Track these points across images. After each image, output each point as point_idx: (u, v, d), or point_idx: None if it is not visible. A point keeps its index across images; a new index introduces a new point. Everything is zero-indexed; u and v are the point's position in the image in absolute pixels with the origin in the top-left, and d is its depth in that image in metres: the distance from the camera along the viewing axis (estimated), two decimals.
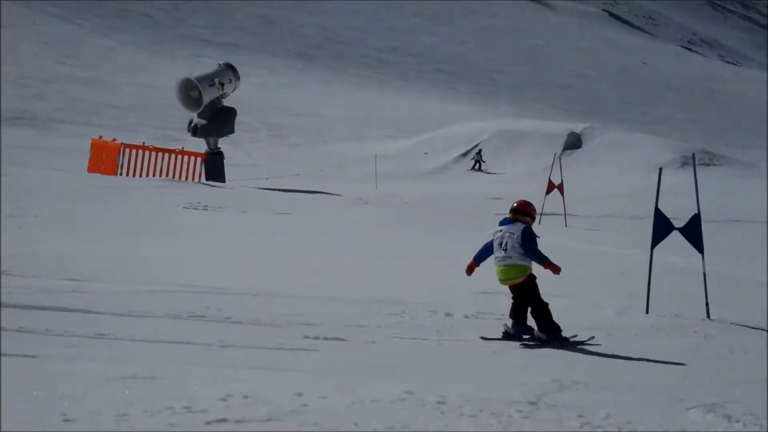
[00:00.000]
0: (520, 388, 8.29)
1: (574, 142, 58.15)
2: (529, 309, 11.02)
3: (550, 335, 10.79)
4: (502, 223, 11.43)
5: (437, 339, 10.86)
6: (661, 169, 14.31)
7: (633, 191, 40.72)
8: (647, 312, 13.14)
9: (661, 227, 13.36)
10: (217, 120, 36.81)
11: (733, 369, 9.76)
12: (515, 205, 11.51)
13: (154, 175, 34.84)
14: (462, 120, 66.02)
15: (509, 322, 11.01)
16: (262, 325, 10.98)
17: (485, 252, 11.51)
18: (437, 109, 74.91)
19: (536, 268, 11.26)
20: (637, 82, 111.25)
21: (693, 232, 13.34)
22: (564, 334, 10.88)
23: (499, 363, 9.65)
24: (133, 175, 34.50)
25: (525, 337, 10.91)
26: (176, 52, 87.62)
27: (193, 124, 36.97)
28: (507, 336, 10.95)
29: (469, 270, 11.64)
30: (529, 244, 11.08)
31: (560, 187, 28.35)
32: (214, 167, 36.44)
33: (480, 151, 55.25)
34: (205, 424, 6.69)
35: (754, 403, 8.08)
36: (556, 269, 11.16)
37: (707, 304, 13.04)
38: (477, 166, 54.72)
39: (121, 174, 34.46)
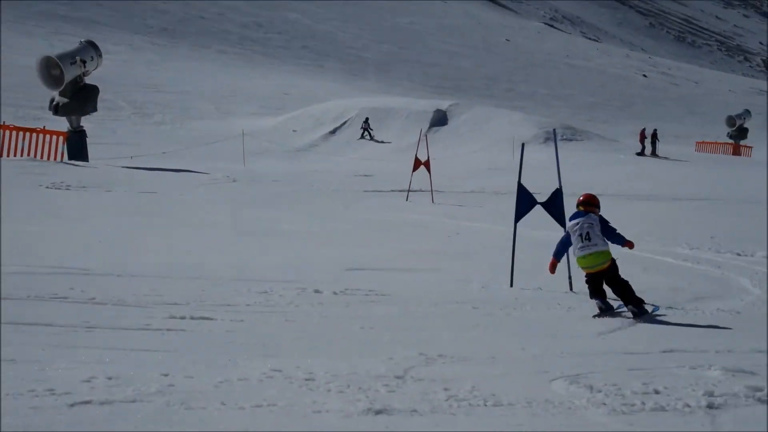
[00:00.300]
0: (387, 362, 8.36)
1: (440, 119, 58.58)
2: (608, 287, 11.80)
3: (639, 308, 11.47)
4: (574, 217, 12.08)
5: (306, 316, 10.85)
6: (523, 145, 14.55)
7: (498, 167, 41.32)
8: (511, 285, 13.38)
9: (524, 202, 13.59)
10: (79, 98, 36.06)
11: (593, 340, 9.99)
12: (582, 198, 12.14)
13: (15, 155, 33.94)
14: (329, 97, 65.91)
15: (598, 302, 11.69)
16: (127, 306, 10.80)
17: (564, 247, 12.28)
18: (304, 86, 74.59)
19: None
20: (501, 58, 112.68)
21: (555, 206, 13.60)
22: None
23: (367, 338, 9.69)
24: None
25: (616, 306, 11.76)
26: (35, 29, 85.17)
27: (54, 103, 36.11)
28: (605, 312, 11.59)
29: (552, 267, 12.34)
30: (610, 229, 12.01)
31: (427, 164, 28.56)
32: (77, 146, 35.69)
33: (367, 119, 55.27)
34: (69, 407, 6.58)
35: (615, 373, 8.29)
36: (632, 245, 12.22)
37: (570, 278, 13.34)
38: (367, 135, 54.81)
39: None
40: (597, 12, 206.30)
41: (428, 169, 28.46)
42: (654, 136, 56.53)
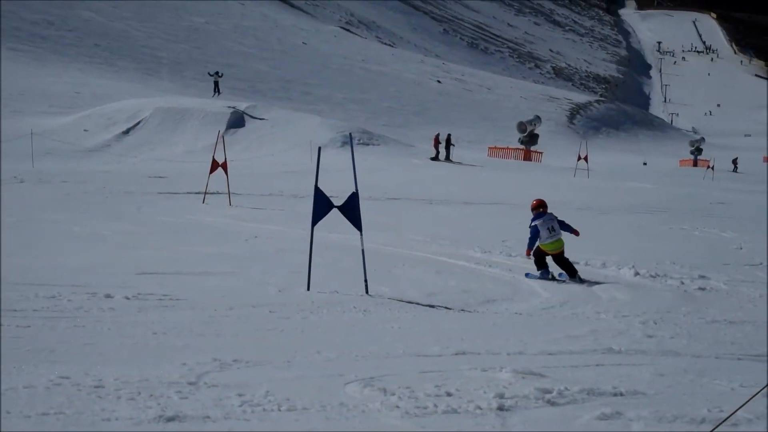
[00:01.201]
0: (180, 368, 8.21)
1: (237, 121, 58.28)
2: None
3: (574, 277, 15.57)
4: (539, 216, 16.10)
5: (96, 321, 10.53)
6: (320, 149, 14.57)
7: (295, 170, 41.36)
8: (308, 289, 13.35)
9: (321, 205, 13.58)
10: None
11: (388, 343, 10.07)
12: (538, 203, 16.36)
13: None
14: (123, 96, 64.58)
15: (542, 271, 15.86)
16: None
17: (533, 240, 15.98)
18: (96, 85, 72.78)
19: None
20: (299, 62, 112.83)
21: (351, 209, 13.64)
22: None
23: (159, 344, 9.48)
24: None
25: (557, 274, 15.88)
26: None
27: None
28: (544, 276, 15.75)
29: (529, 253, 16.14)
30: (564, 222, 16.23)
31: (224, 166, 28.28)
32: None
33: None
34: None
35: (409, 375, 8.37)
36: (578, 233, 16.37)
37: (366, 281, 13.42)
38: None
39: None
40: (392, 17, 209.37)
41: (225, 172, 28.18)
42: (448, 141, 57.70)
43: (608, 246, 20.02)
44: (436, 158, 56.45)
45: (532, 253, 16.00)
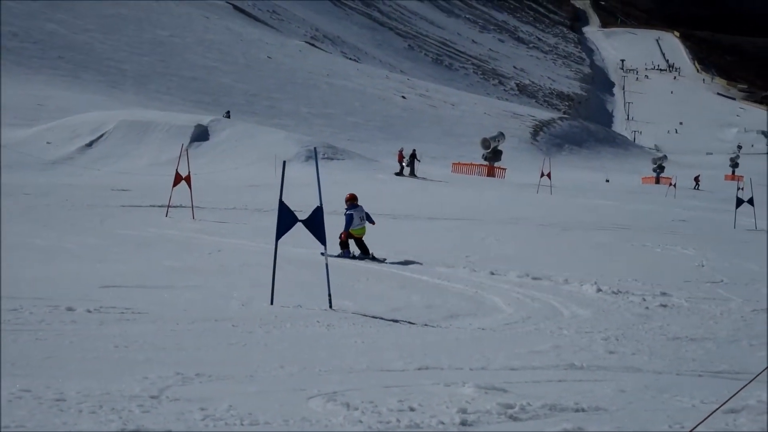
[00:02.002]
0: (142, 382, 8.16)
1: (201, 134, 58.11)
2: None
3: (373, 255, 19.46)
4: (353, 207, 19.81)
5: (58, 335, 10.44)
6: (285, 163, 14.55)
7: (260, 183, 41.29)
8: (272, 303, 13.32)
9: (286, 219, 13.55)
10: None
11: (352, 358, 10.06)
12: (351, 196, 20.12)
13: None
14: (87, 109, 64.21)
15: (344, 251, 19.67)
16: None
17: (348, 225, 19.62)
18: (60, 97, 72.28)
19: None
20: (263, 76, 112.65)
21: (315, 224, 13.64)
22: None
23: (121, 358, 9.41)
24: None
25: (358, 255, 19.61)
26: None
27: None
28: (345, 255, 19.54)
29: (344, 236, 19.77)
30: (369, 215, 20.13)
31: (188, 179, 28.15)
32: None
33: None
34: None
35: (372, 390, 8.37)
36: (374, 222, 20.31)
37: (329, 295, 13.41)
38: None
39: None
40: (357, 33, 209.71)
41: (189, 185, 28.06)
42: (413, 156, 57.79)
43: (570, 262, 20.14)
44: (400, 173, 56.51)
45: (345, 236, 19.79)
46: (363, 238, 19.89)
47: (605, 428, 7.49)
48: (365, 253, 19.59)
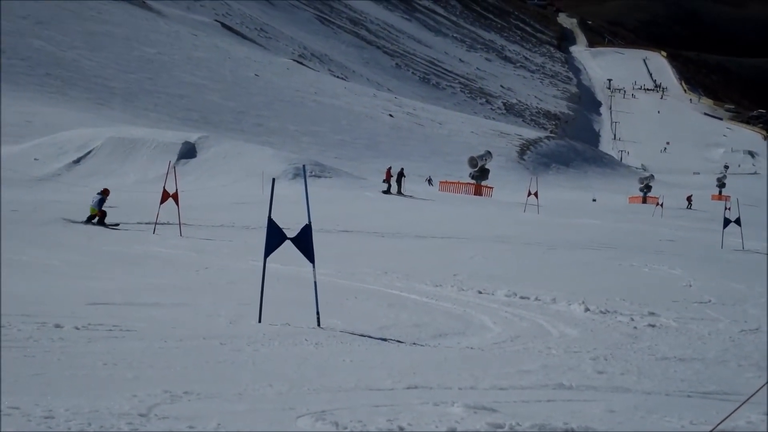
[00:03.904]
0: (131, 400, 8.12)
1: (188, 152, 58.11)
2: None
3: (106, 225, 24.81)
4: (99, 195, 26.94)
5: (45, 352, 10.39)
6: (274, 180, 14.54)
7: (248, 201, 41.26)
8: (260, 321, 13.28)
9: (274, 237, 13.52)
10: None
11: (340, 377, 10.03)
12: (104, 190, 25.18)
13: None
14: (75, 125, 64.11)
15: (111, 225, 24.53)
16: None
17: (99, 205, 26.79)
18: (47, 114, 72.13)
19: None
20: (251, 93, 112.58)
21: (304, 241, 13.61)
22: None
23: (110, 375, 9.37)
24: None
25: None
26: None
27: None
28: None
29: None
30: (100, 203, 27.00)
31: (175, 196, 28.15)
32: None
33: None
34: None
35: (361, 409, 8.34)
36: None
37: (318, 313, 13.38)
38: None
39: None
40: (345, 51, 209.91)
41: (177, 202, 28.05)
42: (400, 174, 57.87)
43: (558, 281, 20.14)
44: (388, 191, 56.57)
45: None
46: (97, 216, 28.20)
47: None
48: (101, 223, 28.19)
